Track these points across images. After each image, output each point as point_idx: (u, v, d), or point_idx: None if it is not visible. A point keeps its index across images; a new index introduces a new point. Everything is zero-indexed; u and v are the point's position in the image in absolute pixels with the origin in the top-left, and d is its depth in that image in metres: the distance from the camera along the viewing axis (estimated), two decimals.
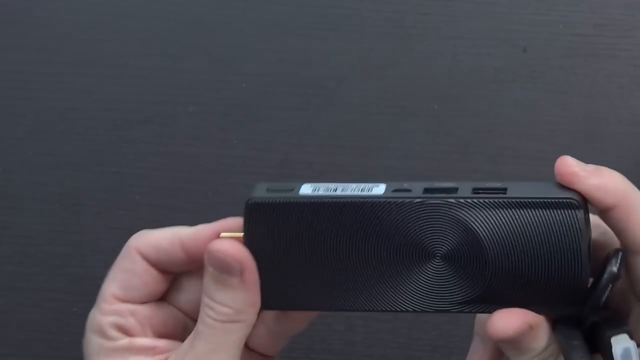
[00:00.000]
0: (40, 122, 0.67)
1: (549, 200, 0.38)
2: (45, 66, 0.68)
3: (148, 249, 0.42)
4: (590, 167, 0.39)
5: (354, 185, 0.40)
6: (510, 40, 0.67)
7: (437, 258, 0.39)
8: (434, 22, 0.67)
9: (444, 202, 0.39)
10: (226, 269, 0.39)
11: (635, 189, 0.39)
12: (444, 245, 0.39)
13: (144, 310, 0.43)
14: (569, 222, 0.38)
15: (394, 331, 0.63)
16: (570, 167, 0.39)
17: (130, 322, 0.42)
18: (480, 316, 0.43)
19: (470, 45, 0.67)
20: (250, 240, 0.40)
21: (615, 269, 0.37)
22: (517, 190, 0.39)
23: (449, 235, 0.39)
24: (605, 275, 0.38)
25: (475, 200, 0.38)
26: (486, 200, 0.38)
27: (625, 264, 0.38)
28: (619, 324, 0.38)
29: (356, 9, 0.68)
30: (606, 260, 0.38)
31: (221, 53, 0.68)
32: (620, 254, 0.38)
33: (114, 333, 0.42)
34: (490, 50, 0.67)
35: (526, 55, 0.67)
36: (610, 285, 0.37)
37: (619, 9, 0.67)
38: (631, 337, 0.37)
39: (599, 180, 0.39)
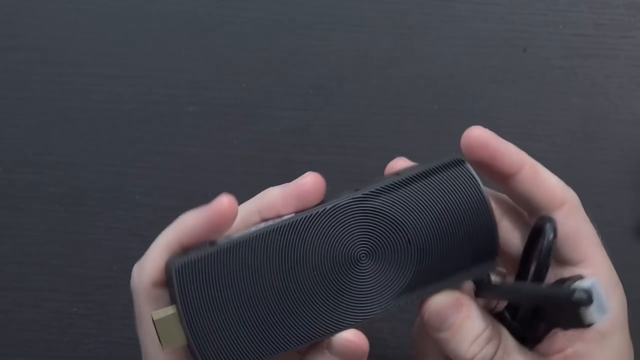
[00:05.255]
0: (40, 122, 0.67)
1: (436, 166, 0.40)
2: (45, 66, 0.68)
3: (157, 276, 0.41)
4: (491, 135, 0.42)
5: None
6: (510, 40, 0.67)
7: (363, 259, 0.40)
8: (434, 22, 0.67)
9: (350, 199, 0.40)
10: (354, 357, 0.39)
11: None
12: (365, 244, 0.40)
13: None
14: (463, 177, 0.40)
15: (394, 331, 0.63)
16: (477, 133, 0.42)
17: None
18: (414, 334, 0.45)
19: (470, 45, 0.67)
20: (186, 307, 0.39)
21: (551, 236, 0.39)
22: (410, 169, 0.41)
23: (366, 232, 0.40)
24: (545, 243, 0.39)
25: (375, 189, 0.40)
26: (384, 185, 0.40)
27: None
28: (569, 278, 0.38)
29: (356, 9, 0.68)
30: (535, 230, 0.40)
31: (221, 53, 0.68)
32: (554, 221, 0.40)
33: None
34: (490, 50, 0.67)
35: (526, 55, 0.67)
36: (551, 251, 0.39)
37: (619, 9, 0.67)
38: None
39: (504, 145, 0.41)
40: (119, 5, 0.69)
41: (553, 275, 0.41)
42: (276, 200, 0.41)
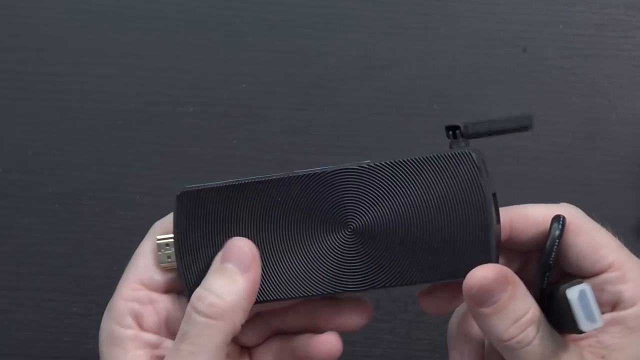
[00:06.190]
0: (40, 122, 0.67)
1: (444, 153, 0.42)
2: (45, 66, 0.68)
3: None
4: None
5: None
6: (510, 40, 0.67)
7: (350, 229, 0.40)
8: (434, 22, 0.67)
9: (355, 166, 0.41)
10: (235, 259, 0.39)
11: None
12: (355, 215, 0.40)
13: (164, 301, 0.42)
14: (466, 171, 0.41)
15: (393, 331, 0.63)
16: None
17: (147, 311, 0.42)
18: (452, 329, 0.44)
19: (470, 45, 0.67)
20: (180, 230, 0.42)
21: (557, 232, 0.39)
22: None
23: (359, 203, 0.40)
24: (549, 240, 0.39)
25: (378, 164, 0.41)
26: (386, 162, 0.41)
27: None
28: (571, 280, 0.39)
29: (356, 9, 0.68)
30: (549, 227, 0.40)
31: (221, 53, 0.68)
32: (562, 218, 0.40)
33: (127, 320, 0.42)
34: (490, 50, 0.67)
35: (526, 55, 0.67)
36: (556, 247, 0.39)
37: (619, 9, 0.67)
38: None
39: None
40: (118, 5, 0.69)
41: (594, 286, 0.40)
42: None
